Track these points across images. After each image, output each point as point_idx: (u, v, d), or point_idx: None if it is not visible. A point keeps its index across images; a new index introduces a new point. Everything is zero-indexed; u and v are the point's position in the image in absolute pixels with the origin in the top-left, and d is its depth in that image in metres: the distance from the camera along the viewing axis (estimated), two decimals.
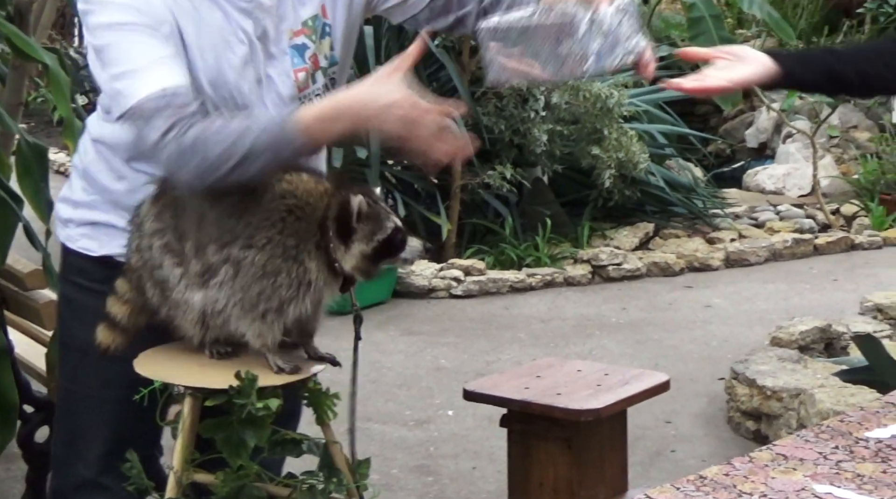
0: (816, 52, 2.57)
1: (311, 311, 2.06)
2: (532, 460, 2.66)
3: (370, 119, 1.92)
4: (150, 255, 2.07)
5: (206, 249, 2.01)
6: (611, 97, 6.91)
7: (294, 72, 2.15)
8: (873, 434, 1.99)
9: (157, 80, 1.95)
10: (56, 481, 2.35)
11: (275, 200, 2.01)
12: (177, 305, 2.06)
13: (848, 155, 8.93)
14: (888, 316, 5.15)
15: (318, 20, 2.17)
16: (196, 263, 2.02)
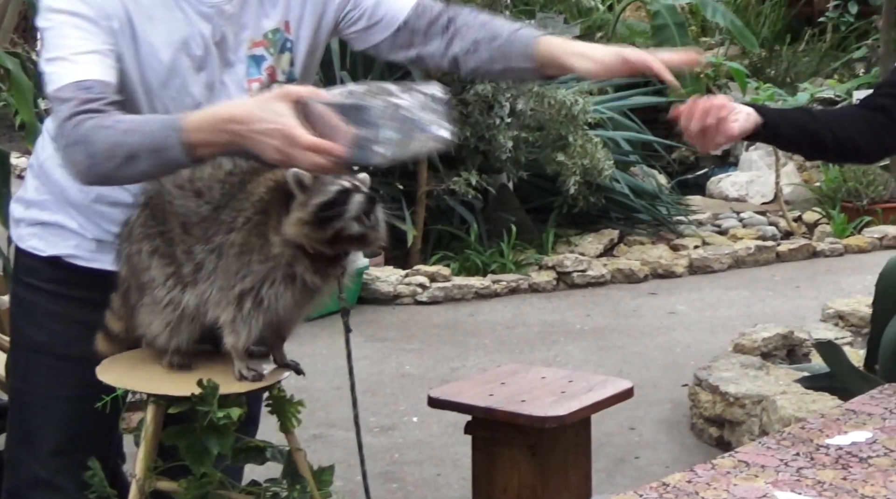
0: (793, 110, 2.61)
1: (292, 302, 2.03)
2: (496, 466, 2.67)
3: (246, 139, 1.88)
4: (139, 259, 2.07)
5: (194, 249, 2.02)
6: (576, 104, 6.94)
7: (248, 81, 2.15)
8: (834, 441, 2.01)
9: (80, 71, 1.97)
10: (10, 482, 2.33)
11: (256, 186, 2.02)
12: (156, 303, 2.04)
13: (810, 163, 9.00)
14: (849, 323, 5.19)
15: (280, 34, 2.17)
16: (188, 264, 2.03)
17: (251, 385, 2.06)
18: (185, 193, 2.04)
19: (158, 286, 2.05)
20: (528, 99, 7.01)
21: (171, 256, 2.04)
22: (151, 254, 2.06)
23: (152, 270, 2.05)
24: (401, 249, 6.95)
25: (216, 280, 2.02)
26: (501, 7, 6.90)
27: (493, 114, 7.02)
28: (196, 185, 2.04)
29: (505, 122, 7.05)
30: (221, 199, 2.03)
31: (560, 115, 6.97)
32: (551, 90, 7.04)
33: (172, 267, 2.04)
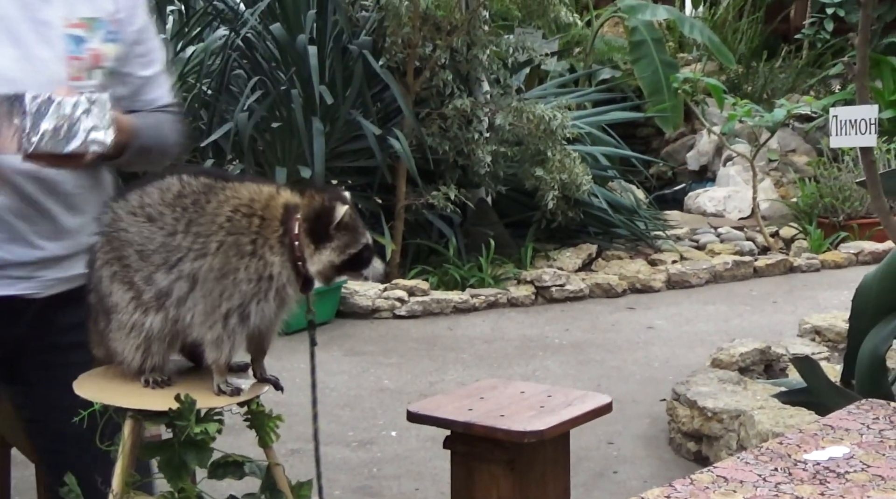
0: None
1: (273, 315, 2.04)
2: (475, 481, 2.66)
3: None
4: (101, 285, 2.06)
5: (154, 277, 2.01)
6: (554, 119, 6.96)
7: (67, 58, 2.17)
8: (811, 456, 2.02)
9: None
10: None
11: (219, 207, 2.01)
12: (121, 328, 2.04)
13: (787, 178, 9.06)
14: (826, 338, 5.22)
15: (103, 24, 2.20)
16: (149, 291, 2.02)
17: (230, 400, 2.05)
18: (138, 220, 2.03)
19: (122, 311, 2.03)
20: (506, 114, 7.03)
21: (130, 281, 2.03)
22: (111, 279, 2.04)
23: (114, 296, 2.04)
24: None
25: (196, 305, 2.00)
26: (480, 23, 6.92)
27: (471, 128, 7.04)
28: (147, 210, 2.03)
29: (484, 136, 7.07)
30: (177, 224, 2.01)
31: (538, 130, 6.99)
32: (529, 105, 7.07)
33: (132, 292, 2.02)
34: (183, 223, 2.01)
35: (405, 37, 6.81)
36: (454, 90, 7.03)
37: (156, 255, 2.01)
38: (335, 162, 7.09)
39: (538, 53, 7.61)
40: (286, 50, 7.09)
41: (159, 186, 2.03)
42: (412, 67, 6.96)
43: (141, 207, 2.04)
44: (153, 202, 2.03)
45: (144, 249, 2.02)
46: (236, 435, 2.32)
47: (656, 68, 9.01)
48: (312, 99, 6.83)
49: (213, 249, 2.00)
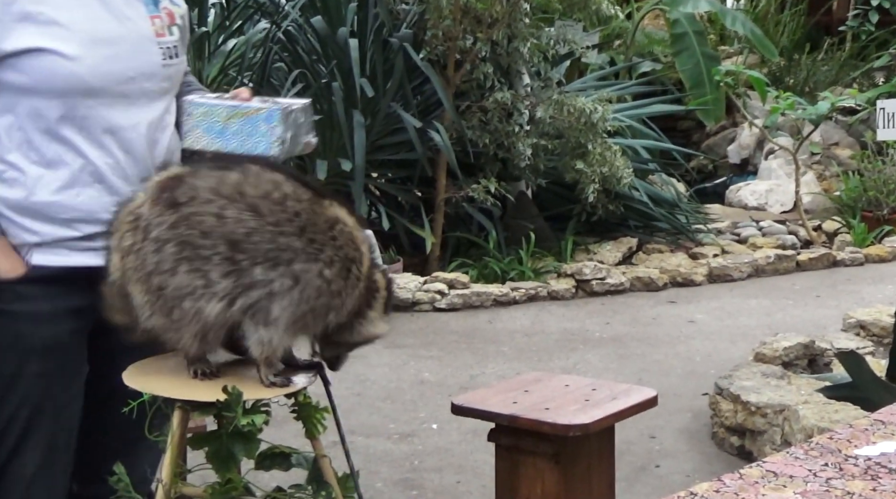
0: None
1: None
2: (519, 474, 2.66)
3: None
4: (159, 258, 2.02)
5: (253, 270, 2.00)
6: (595, 112, 6.93)
7: (149, 17, 2.26)
8: (862, 452, 1.99)
9: None
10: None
11: (331, 227, 2.05)
12: (184, 315, 2.02)
13: (830, 172, 8.98)
14: (871, 333, 5.17)
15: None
16: (228, 281, 2.00)
17: (280, 391, 2.06)
18: (238, 206, 2.00)
19: (186, 297, 2.00)
20: (547, 107, 7.01)
21: (203, 269, 2.00)
22: (178, 259, 2.01)
23: (177, 278, 2.01)
24: (419, 256, 6.95)
25: (290, 304, 2.01)
26: (520, 15, 6.90)
27: (512, 121, 7.02)
28: (248, 199, 2.01)
29: (524, 129, 7.05)
30: (290, 224, 2.01)
31: (579, 123, 6.96)
32: (570, 98, 7.04)
33: (203, 280, 2.00)
34: (296, 226, 2.00)
35: (446, 29, 6.80)
36: (494, 83, 7.01)
37: (255, 247, 2.00)
38: (375, 155, 7.10)
39: (579, 46, 7.58)
40: (327, 43, 7.10)
41: (259, 177, 2.03)
42: (453, 60, 6.95)
43: (240, 193, 2.02)
44: (257, 194, 2.01)
45: (237, 238, 2.00)
46: (278, 427, 2.34)
47: (698, 61, 8.95)
48: (353, 92, 6.83)
49: (327, 259, 2.02)
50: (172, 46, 2.28)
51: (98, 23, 2.18)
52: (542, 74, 7.40)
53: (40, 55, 2.12)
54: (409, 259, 6.93)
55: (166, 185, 2.05)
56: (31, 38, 2.11)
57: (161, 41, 2.25)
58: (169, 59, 2.27)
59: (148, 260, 2.02)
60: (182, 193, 2.03)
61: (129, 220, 2.06)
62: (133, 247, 2.04)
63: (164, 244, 2.02)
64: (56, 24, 2.13)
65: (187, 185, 2.04)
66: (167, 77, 2.28)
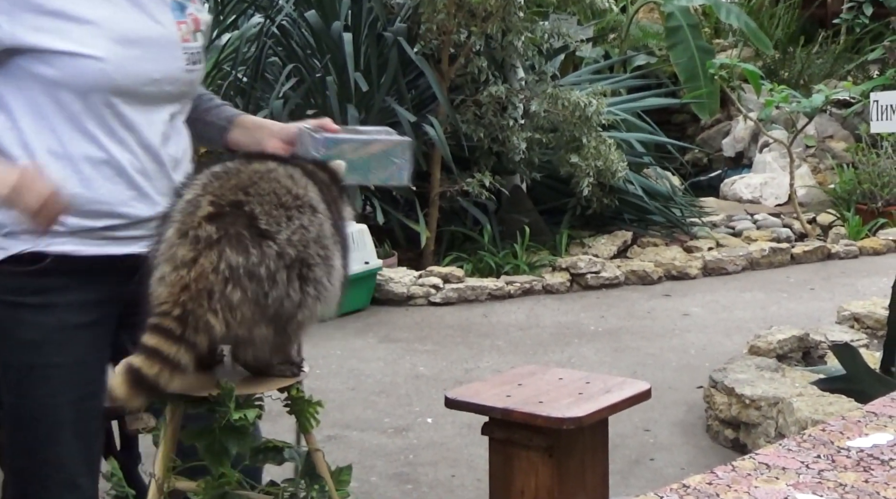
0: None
1: None
2: (513, 468, 2.66)
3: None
4: (276, 293, 1.94)
5: (334, 259, 2.02)
6: (589, 106, 6.93)
7: (175, 22, 2.28)
8: (855, 443, 2.00)
9: None
10: (15, 492, 2.33)
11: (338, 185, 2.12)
12: (297, 327, 2.00)
13: (824, 165, 8.99)
14: (865, 325, 5.17)
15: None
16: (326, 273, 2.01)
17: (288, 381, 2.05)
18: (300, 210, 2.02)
19: (297, 310, 1.99)
20: (541, 100, 7.01)
21: (309, 276, 1.99)
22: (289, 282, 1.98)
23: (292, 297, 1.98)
24: (414, 251, 6.95)
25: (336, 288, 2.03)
26: (514, 9, 6.90)
27: (506, 115, 7.02)
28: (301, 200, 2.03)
29: (518, 123, 7.05)
30: (327, 210, 2.04)
31: (574, 116, 6.96)
32: (565, 92, 7.04)
33: (313, 288, 2.00)
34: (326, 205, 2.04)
35: (440, 23, 6.80)
36: (489, 77, 7.01)
37: (328, 241, 2.01)
38: None
39: (573, 40, 7.57)
40: (321, 37, 7.09)
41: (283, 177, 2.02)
42: (447, 54, 6.94)
43: (295, 197, 2.01)
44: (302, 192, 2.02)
45: (319, 236, 2.00)
46: (273, 421, 2.34)
47: (692, 54, 8.95)
48: (347, 86, 6.83)
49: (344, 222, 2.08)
50: (196, 52, 2.31)
51: (128, 23, 2.20)
52: (536, 68, 7.39)
53: (71, 54, 2.15)
54: (404, 253, 6.93)
55: (228, 226, 1.95)
56: (60, 37, 2.14)
57: (186, 46, 2.29)
58: (192, 65, 2.30)
59: (264, 301, 1.94)
60: (261, 222, 1.96)
61: (219, 279, 1.92)
62: (246, 297, 1.93)
63: (274, 275, 1.95)
64: (87, 21, 2.15)
65: (252, 212, 1.96)
66: (189, 82, 2.31)
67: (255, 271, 1.92)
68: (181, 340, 1.88)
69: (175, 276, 1.92)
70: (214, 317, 1.90)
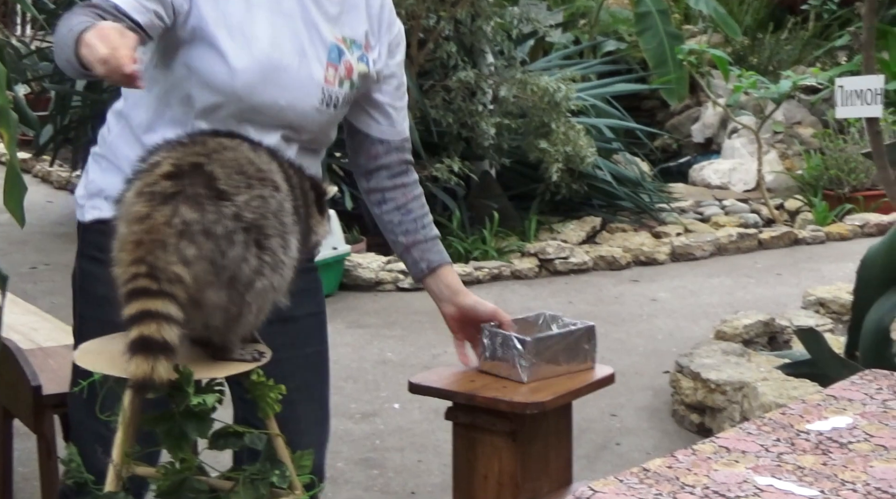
0: None
1: None
2: (477, 452, 2.65)
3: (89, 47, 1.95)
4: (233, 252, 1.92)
5: (290, 239, 2.00)
6: (558, 91, 6.93)
7: (327, 64, 2.28)
8: (814, 427, 2.01)
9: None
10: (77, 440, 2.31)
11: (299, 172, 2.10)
12: (256, 296, 1.96)
13: (792, 150, 9.03)
14: (830, 310, 5.20)
15: (359, 45, 2.35)
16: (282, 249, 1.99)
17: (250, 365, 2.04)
18: (262, 182, 1.99)
19: (257, 277, 1.96)
20: (510, 86, 7.00)
21: (267, 245, 1.96)
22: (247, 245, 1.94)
23: (250, 262, 1.95)
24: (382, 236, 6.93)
25: (290, 267, 2.01)
26: None
27: (475, 100, 7.01)
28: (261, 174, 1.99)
29: (488, 108, 7.04)
30: (289, 189, 2.02)
31: (543, 102, 6.96)
32: (534, 77, 7.04)
33: (270, 257, 1.96)
34: (287, 187, 2.02)
35: (409, 8, 6.77)
36: (458, 62, 6.99)
37: (287, 218, 1.99)
38: (339, 134, 7.05)
39: (542, 25, 7.57)
40: None
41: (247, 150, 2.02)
42: (416, 39, 6.92)
43: (258, 170, 2.00)
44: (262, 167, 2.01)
45: (278, 212, 1.98)
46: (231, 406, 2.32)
47: (661, 40, 8.96)
48: None
49: (301, 214, 2.05)
50: (335, 97, 2.32)
51: (277, 47, 2.23)
52: (505, 53, 7.39)
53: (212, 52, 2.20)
54: (373, 239, 6.91)
55: (186, 183, 1.93)
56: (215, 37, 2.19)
57: (326, 88, 2.30)
58: (324, 107, 2.31)
59: (220, 261, 1.91)
60: (220, 183, 1.94)
61: (172, 232, 1.89)
62: (200, 253, 1.90)
63: (231, 235, 1.92)
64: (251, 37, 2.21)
65: (211, 173, 1.94)
66: (316, 121, 2.32)
67: (210, 229, 1.89)
68: (160, 293, 1.84)
69: (128, 232, 1.90)
70: (179, 267, 1.86)
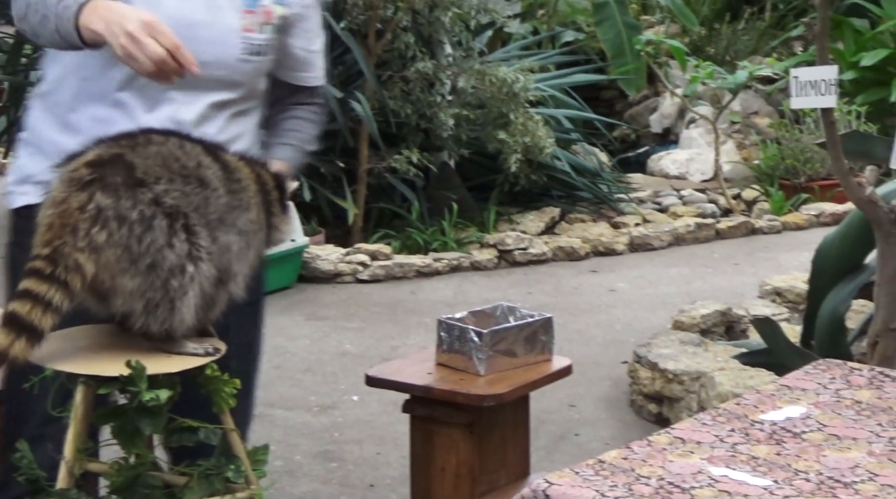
0: None
1: None
2: (434, 445, 2.66)
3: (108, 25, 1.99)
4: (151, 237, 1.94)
5: (218, 232, 2.00)
6: (517, 82, 6.92)
7: (243, 11, 2.26)
8: (768, 417, 2.02)
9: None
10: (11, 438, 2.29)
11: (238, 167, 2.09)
12: (181, 285, 1.96)
13: (749, 140, 9.08)
14: (786, 299, 5.24)
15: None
16: (211, 243, 2.00)
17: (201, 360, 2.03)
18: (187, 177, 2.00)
19: (183, 265, 1.96)
20: (469, 77, 6.99)
21: (193, 238, 1.97)
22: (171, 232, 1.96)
23: (175, 248, 1.95)
24: (341, 228, 6.91)
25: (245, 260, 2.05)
26: None
27: (434, 91, 6.99)
28: (190, 170, 1.99)
29: (446, 99, 7.02)
30: (220, 184, 2.02)
31: (501, 92, 6.95)
32: (492, 68, 7.03)
33: (196, 249, 1.98)
34: (222, 182, 2.01)
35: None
36: (416, 53, 6.97)
37: (214, 212, 1.99)
38: None
39: (501, 15, 7.56)
40: None
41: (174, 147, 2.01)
42: (374, 30, 6.90)
43: (183, 166, 2.00)
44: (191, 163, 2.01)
45: (200, 205, 1.97)
46: None
47: (619, 30, 8.98)
48: None
49: (247, 203, 2.05)
50: (258, 44, 2.29)
51: (185, 4, 2.22)
52: (463, 44, 7.37)
53: None
54: (332, 230, 6.89)
55: (106, 172, 1.94)
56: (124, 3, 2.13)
57: (247, 36, 2.28)
58: (249, 55, 2.29)
59: (136, 246, 1.92)
60: (139, 172, 1.94)
61: (85, 217, 1.90)
62: (111, 239, 1.91)
63: (151, 221, 1.92)
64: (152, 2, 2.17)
65: (131, 163, 1.95)
66: (244, 72, 2.30)
67: (125, 215, 1.90)
68: (51, 278, 1.87)
69: (43, 215, 1.93)
70: (83, 255, 1.88)
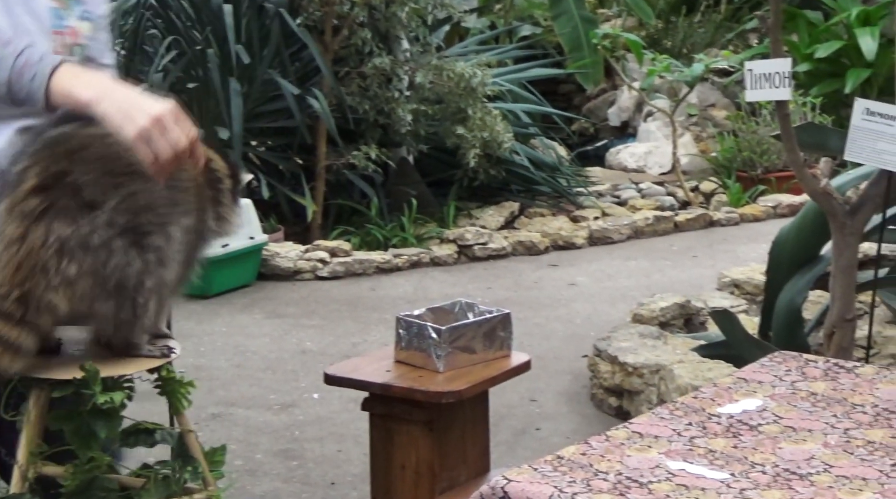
0: None
1: None
2: (394, 442, 2.65)
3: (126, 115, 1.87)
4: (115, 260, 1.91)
5: (169, 229, 1.95)
6: (474, 77, 6.92)
7: (52, 33, 2.13)
8: (725, 410, 2.03)
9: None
10: None
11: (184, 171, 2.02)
12: (148, 295, 1.94)
13: (706, 133, 9.12)
14: (744, 291, 5.27)
15: (78, 2, 2.17)
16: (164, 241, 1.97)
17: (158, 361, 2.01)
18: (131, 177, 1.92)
19: (146, 276, 1.94)
20: (426, 72, 6.98)
21: (146, 243, 1.94)
22: (128, 248, 1.92)
23: (135, 263, 1.92)
24: (300, 225, 6.88)
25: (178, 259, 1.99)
26: None
27: (391, 87, 6.98)
28: (133, 167, 1.91)
29: (404, 95, 7.01)
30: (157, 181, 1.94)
31: (459, 87, 6.95)
32: (450, 63, 7.02)
33: (153, 254, 1.94)
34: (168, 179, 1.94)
35: None
36: (373, 49, 6.95)
37: (160, 210, 1.94)
38: (254, 122, 7.00)
39: (457, 10, 7.55)
40: (201, 8, 6.96)
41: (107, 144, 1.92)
42: (330, 26, 6.87)
43: (127, 165, 1.91)
44: (131, 160, 1.91)
45: (148, 205, 1.92)
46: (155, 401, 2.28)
47: (576, 24, 8.99)
48: (229, 59, 6.72)
49: (191, 209, 1.99)
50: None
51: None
52: (420, 39, 7.35)
53: None
54: (291, 228, 6.87)
55: (54, 196, 1.88)
56: None
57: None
58: None
59: (103, 271, 1.89)
60: (87, 192, 1.89)
61: (51, 253, 1.86)
62: (81, 270, 1.88)
63: (110, 243, 1.89)
64: None
65: (76, 183, 1.89)
66: None
67: (87, 242, 1.87)
68: (22, 322, 1.84)
69: (6, 255, 1.86)
70: (56, 294, 1.86)
